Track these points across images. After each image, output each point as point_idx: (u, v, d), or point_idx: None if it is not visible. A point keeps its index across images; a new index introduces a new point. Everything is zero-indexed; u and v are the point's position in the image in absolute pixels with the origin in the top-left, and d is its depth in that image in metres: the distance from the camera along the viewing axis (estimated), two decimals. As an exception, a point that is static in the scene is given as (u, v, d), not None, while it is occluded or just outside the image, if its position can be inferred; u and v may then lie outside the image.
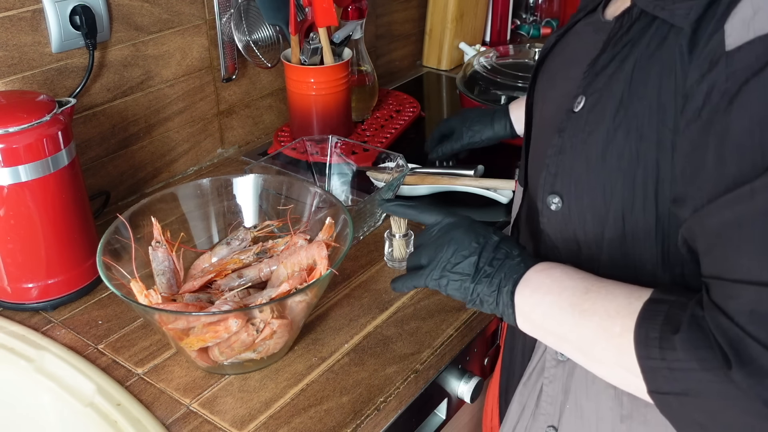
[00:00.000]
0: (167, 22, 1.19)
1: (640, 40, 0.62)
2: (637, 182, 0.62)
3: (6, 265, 0.91)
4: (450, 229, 0.73)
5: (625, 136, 0.62)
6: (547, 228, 0.71)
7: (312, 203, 0.97)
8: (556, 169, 0.68)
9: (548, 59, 0.81)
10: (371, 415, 0.80)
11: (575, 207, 0.67)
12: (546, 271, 0.67)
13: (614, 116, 0.63)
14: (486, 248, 0.69)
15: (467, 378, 1.00)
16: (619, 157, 0.63)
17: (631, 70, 0.62)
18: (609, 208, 0.65)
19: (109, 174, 1.19)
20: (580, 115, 0.66)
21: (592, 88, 0.65)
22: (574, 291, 0.64)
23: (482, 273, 0.69)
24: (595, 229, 0.66)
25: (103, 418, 0.79)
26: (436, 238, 0.73)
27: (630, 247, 0.65)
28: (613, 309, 0.60)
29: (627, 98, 0.62)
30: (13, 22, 0.99)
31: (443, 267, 0.71)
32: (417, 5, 1.80)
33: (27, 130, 0.86)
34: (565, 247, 0.71)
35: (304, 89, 1.27)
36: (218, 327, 0.78)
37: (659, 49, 0.60)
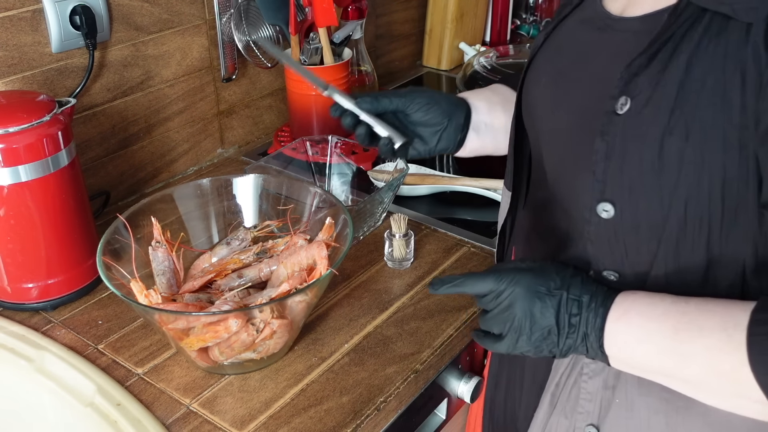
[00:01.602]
0: (167, 22, 1.19)
1: (687, 35, 0.59)
2: (702, 184, 0.59)
3: (6, 265, 0.91)
4: (514, 299, 0.67)
5: (683, 137, 0.59)
6: (593, 237, 0.67)
7: (312, 203, 0.97)
8: (604, 175, 0.64)
9: (539, 60, 0.78)
10: (371, 415, 0.80)
11: (629, 214, 0.64)
12: (623, 318, 0.63)
13: (669, 117, 0.59)
14: (560, 311, 0.65)
15: (467, 378, 1.00)
16: (678, 159, 0.59)
17: (683, 67, 0.59)
18: (668, 214, 0.62)
19: (109, 174, 1.19)
20: (627, 117, 0.62)
21: (635, 89, 0.61)
22: (663, 334, 0.61)
23: (564, 335, 0.65)
24: (650, 236, 0.63)
25: (103, 418, 0.79)
26: (502, 311, 0.67)
27: (688, 255, 0.63)
28: (714, 346, 0.58)
29: (682, 97, 0.59)
30: (13, 22, 0.99)
31: (524, 341, 0.67)
32: (417, 5, 1.80)
33: (27, 130, 0.86)
34: (611, 254, 0.67)
35: (304, 89, 1.27)
36: (218, 327, 0.78)
37: (717, 44, 0.57)
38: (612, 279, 0.67)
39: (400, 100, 0.85)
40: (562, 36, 0.76)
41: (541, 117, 0.76)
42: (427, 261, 1.06)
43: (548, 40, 0.77)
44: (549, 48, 0.77)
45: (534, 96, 0.77)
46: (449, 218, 1.17)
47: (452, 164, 1.34)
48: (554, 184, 0.74)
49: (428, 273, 1.04)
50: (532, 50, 0.79)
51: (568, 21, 0.76)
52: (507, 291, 0.67)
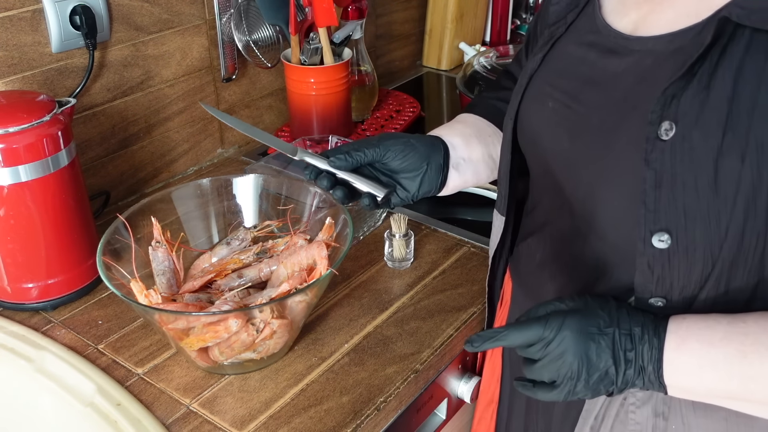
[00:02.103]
0: (167, 22, 1.19)
1: (726, 52, 0.58)
2: (759, 205, 0.58)
3: (6, 265, 0.91)
4: (567, 345, 0.62)
5: (739, 159, 0.57)
6: (644, 267, 0.64)
7: (312, 203, 0.97)
8: (656, 204, 0.61)
9: (539, 83, 0.74)
10: (371, 415, 0.80)
11: (684, 241, 0.61)
12: (683, 347, 0.61)
13: (722, 139, 0.57)
14: (615, 349, 0.62)
15: (467, 378, 1.00)
16: (734, 182, 0.58)
17: (730, 86, 0.57)
18: (725, 236, 0.60)
19: (109, 174, 1.19)
20: (674, 142, 0.59)
21: (678, 112, 0.59)
22: (728, 360, 0.59)
23: (622, 373, 0.62)
24: (705, 262, 0.62)
25: (103, 418, 0.79)
26: (554, 359, 0.63)
27: (737, 278, 0.62)
28: None
29: (734, 117, 0.57)
30: (13, 22, 0.99)
31: (582, 386, 0.63)
32: (417, 5, 1.80)
33: (27, 130, 0.86)
34: (661, 282, 0.64)
35: (304, 89, 1.27)
36: (218, 327, 0.78)
37: (765, 63, 0.56)
38: (659, 305, 0.65)
39: (374, 151, 0.80)
40: (564, 57, 0.73)
41: (551, 143, 0.72)
42: (427, 261, 1.06)
43: (545, 61, 0.74)
44: (548, 70, 0.74)
45: (539, 121, 0.73)
46: (449, 218, 1.17)
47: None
48: (585, 214, 0.71)
49: (428, 273, 1.04)
50: (528, 73, 0.75)
51: (566, 41, 0.73)
52: (557, 338, 0.62)
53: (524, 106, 0.76)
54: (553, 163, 0.73)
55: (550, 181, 0.75)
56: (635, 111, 0.63)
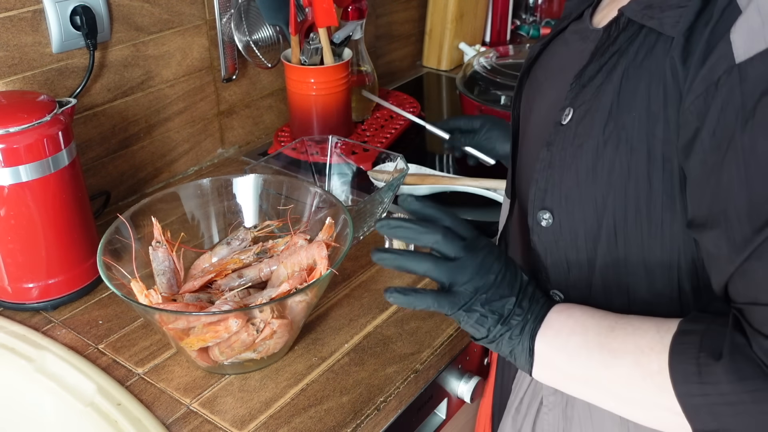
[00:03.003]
0: (167, 23, 1.19)
1: (627, 49, 0.60)
2: (629, 195, 0.60)
3: (6, 265, 0.91)
4: (489, 253, 0.64)
5: (614, 148, 0.60)
6: (537, 246, 0.68)
7: (312, 203, 0.97)
8: (546, 183, 0.65)
9: (534, 68, 0.78)
10: (371, 415, 0.81)
11: (566, 222, 0.65)
12: (566, 311, 0.64)
13: (603, 128, 0.60)
14: (522, 289, 0.64)
15: (467, 378, 1.00)
16: (609, 170, 0.60)
17: (619, 80, 0.60)
18: (601, 223, 0.62)
19: (109, 174, 1.19)
20: (569, 127, 0.63)
21: (579, 100, 0.63)
22: (599, 330, 0.61)
23: (512, 315, 0.63)
24: (587, 246, 0.64)
25: (103, 418, 0.79)
26: (474, 263, 0.63)
27: (623, 266, 0.63)
28: (645, 345, 0.57)
29: (616, 110, 0.60)
30: (14, 23, 0.99)
31: (476, 300, 0.63)
32: (417, 5, 1.80)
33: (27, 130, 0.86)
34: (554, 267, 0.68)
35: (304, 89, 1.27)
36: (218, 327, 0.78)
37: (647, 59, 0.58)
38: (558, 300, 0.68)
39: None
40: (556, 46, 0.76)
41: (522, 125, 0.77)
42: (427, 261, 1.06)
43: (545, 51, 0.78)
44: (544, 58, 0.78)
45: (524, 104, 0.78)
46: (449, 218, 1.17)
47: (452, 164, 1.34)
48: (519, 194, 0.76)
49: (428, 273, 1.04)
50: (526, 61, 0.80)
51: (566, 32, 0.76)
52: (490, 248, 0.65)
53: (523, 90, 0.80)
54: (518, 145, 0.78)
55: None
56: (561, 97, 0.66)
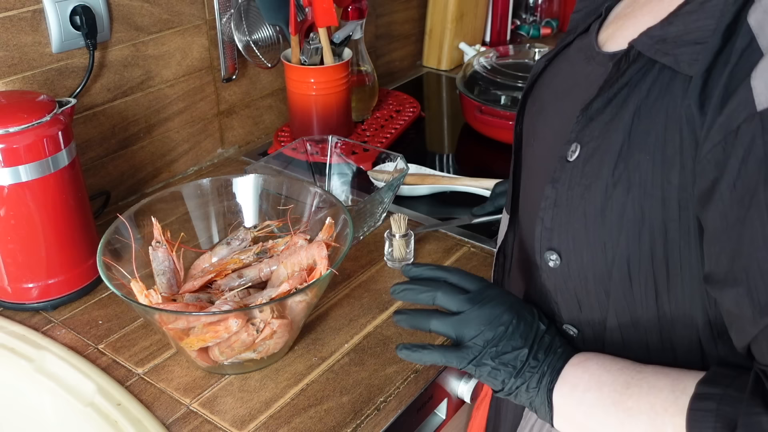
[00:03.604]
0: (167, 23, 1.19)
1: (639, 84, 0.57)
2: (643, 241, 0.57)
3: (6, 265, 0.91)
4: (498, 303, 0.63)
5: (625, 191, 0.56)
6: (546, 283, 0.65)
7: (312, 203, 0.97)
8: (552, 223, 0.62)
9: (538, 85, 0.75)
10: (371, 415, 0.81)
11: (575, 265, 0.62)
12: (582, 364, 0.62)
13: (613, 169, 0.57)
14: (536, 340, 0.63)
15: (467, 378, 1.00)
16: (620, 214, 0.57)
17: (630, 118, 0.56)
18: (611, 268, 0.59)
19: (109, 174, 1.19)
20: (575, 165, 0.60)
21: (587, 136, 0.59)
22: (614, 386, 0.59)
23: (527, 367, 0.62)
24: (598, 289, 0.61)
25: (103, 418, 0.79)
26: (481, 315, 0.63)
27: (637, 312, 0.61)
28: (659, 406, 0.56)
29: (626, 150, 0.56)
30: (14, 22, 0.99)
31: (485, 354, 0.62)
32: (417, 5, 1.80)
33: (27, 130, 0.86)
34: (566, 304, 0.65)
35: (304, 89, 1.27)
36: (218, 327, 0.78)
37: (662, 98, 0.54)
38: (571, 334, 0.66)
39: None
40: (561, 63, 0.73)
41: (526, 148, 0.74)
42: (427, 261, 1.06)
43: (549, 67, 0.75)
44: (548, 75, 0.74)
45: (526, 124, 0.75)
46: (449, 218, 1.17)
47: (452, 164, 1.34)
48: (522, 223, 0.73)
49: (428, 273, 1.04)
50: (531, 76, 0.76)
51: (572, 48, 0.73)
52: (499, 296, 0.64)
53: (526, 108, 0.77)
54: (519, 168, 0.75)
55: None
56: (567, 127, 0.63)
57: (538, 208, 0.65)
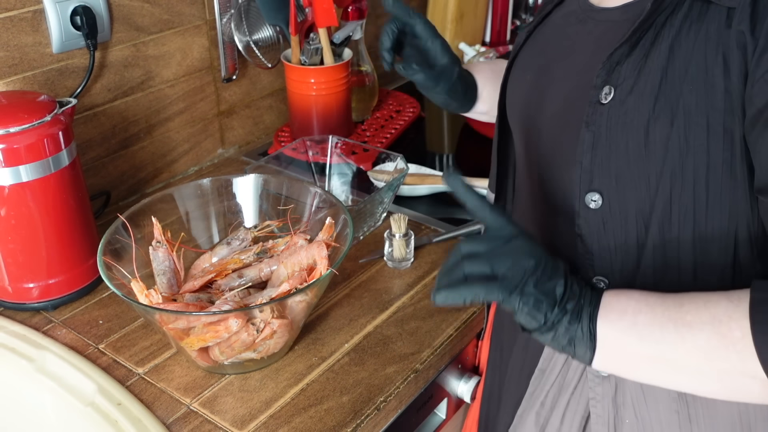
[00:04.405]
0: (168, 23, 1.19)
1: (667, 22, 0.59)
2: (686, 170, 0.59)
3: (7, 264, 0.92)
4: (524, 240, 0.61)
5: (668, 123, 0.59)
6: (584, 230, 0.65)
7: (312, 203, 0.97)
8: (591, 165, 0.63)
9: (524, 56, 0.77)
10: (371, 415, 0.81)
11: (616, 203, 0.63)
12: (624, 293, 0.61)
13: (654, 104, 0.59)
14: (567, 271, 0.61)
15: (467, 378, 1.00)
16: (663, 145, 0.59)
17: (666, 55, 0.59)
18: (654, 201, 0.61)
19: (109, 174, 1.19)
20: (612, 106, 0.62)
21: (620, 77, 0.61)
22: (666, 306, 0.58)
23: (566, 299, 0.59)
24: (638, 226, 0.63)
25: (103, 418, 0.79)
26: (512, 248, 0.60)
27: (675, 242, 0.61)
28: (722, 314, 0.55)
29: (666, 84, 0.59)
30: (14, 23, 1.00)
31: (529, 281, 0.58)
32: (417, 5, 1.80)
33: (28, 131, 0.86)
34: (600, 252, 0.65)
35: (305, 89, 1.28)
36: (218, 327, 0.78)
37: (698, 30, 0.57)
38: (602, 287, 0.66)
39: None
40: (545, 32, 0.75)
41: (528, 115, 0.75)
42: (427, 261, 1.06)
43: (531, 38, 0.77)
44: (532, 46, 0.77)
45: (519, 94, 0.76)
46: (449, 218, 1.17)
47: (452, 164, 1.34)
48: (542, 181, 0.73)
49: (428, 273, 1.04)
50: (513, 49, 0.79)
51: (551, 18, 0.76)
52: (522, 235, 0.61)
53: (510, 82, 0.79)
54: (527, 135, 0.75)
55: (523, 154, 0.77)
56: (587, 77, 0.65)
57: (564, 157, 0.66)
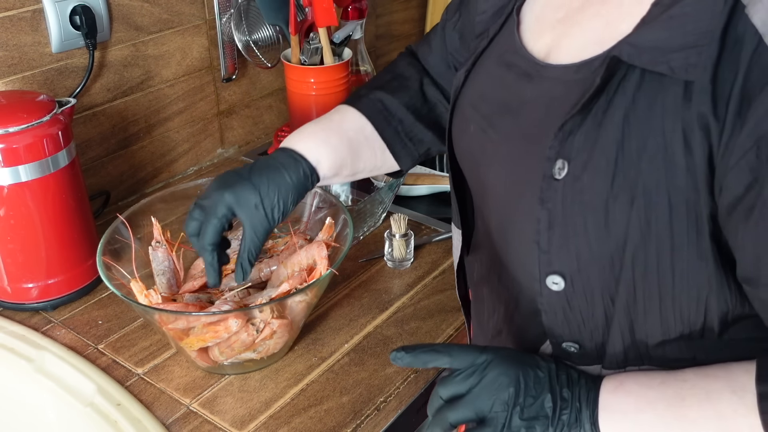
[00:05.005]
0: (167, 22, 1.19)
1: (618, 92, 0.55)
2: (650, 251, 0.55)
3: (6, 265, 0.91)
4: (504, 368, 0.59)
5: (628, 203, 0.55)
6: (547, 309, 0.63)
7: (312, 203, 0.97)
8: (549, 245, 0.59)
9: (463, 103, 0.71)
10: (371, 415, 0.80)
11: (579, 284, 0.59)
12: (620, 388, 0.59)
13: (611, 182, 0.55)
14: (552, 381, 0.59)
15: (467, 378, 0.99)
16: (625, 225, 0.55)
17: (620, 128, 0.54)
18: (619, 279, 0.58)
19: (109, 174, 1.19)
20: (567, 182, 0.57)
21: (572, 150, 0.56)
22: (668, 401, 0.56)
23: (559, 410, 0.58)
24: (605, 302, 0.60)
25: (103, 418, 0.79)
26: (490, 383, 0.59)
27: (643, 315, 0.59)
28: (726, 410, 0.54)
29: (623, 160, 0.54)
30: (13, 22, 0.99)
31: (513, 415, 0.58)
32: (417, 5, 1.80)
33: (27, 130, 0.86)
34: (566, 323, 0.63)
35: (304, 89, 1.27)
36: (218, 327, 0.78)
37: (654, 104, 0.53)
38: (572, 351, 0.64)
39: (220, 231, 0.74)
40: (484, 78, 0.69)
41: (476, 169, 0.70)
42: (427, 261, 1.06)
43: (469, 79, 0.71)
44: (471, 90, 0.71)
45: (464, 145, 0.71)
46: (449, 218, 1.16)
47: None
48: (500, 247, 0.69)
49: (428, 273, 1.04)
50: (454, 89, 0.73)
51: (488, 57, 0.70)
52: (495, 361, 0.60)
53: (453, 127, 0.73)
54: (476, 188, 0.72)
55: (477, 204, 0.73)
56: (539, 145, 0.60)
57: (521, 231, 0.62)
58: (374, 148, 0.83)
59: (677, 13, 0.52)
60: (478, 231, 0.77)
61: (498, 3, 0.71)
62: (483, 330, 0.77)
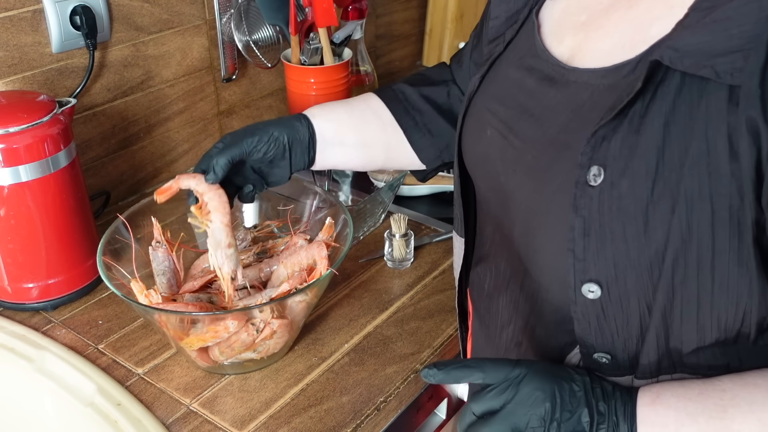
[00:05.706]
0: (167, 22, 1.19)
1: (657, 94, 0.54)
2: (690, 258, 0.54)
3: (6, 265, 0.91)
4: (537, 383, 0.58)
5: (669, 209, 0.54)
6: (581, 318, 0.61)
7: (312, 203, 0.97)
8: (584, 253, 0.58)
9: (477, 107, 0.70)
10: (371, 415, 0.81)
11: (616, 292, 0.58)
12: (658, 401, 0.57)
13: (652, 188, 0.54)
14: (588, 394, 0.58)
15: (467, 378, 0.99)
16: (664, 233, 0.54)
17: (660, 133, 0.53)
18: (657, 286, 0.57)
19: (109, 174, 1.19)
20: (603, 189, 0.56)
21: (608, 157, 0.55)
22: (709, 414, 0.55)
23: (596, 425, 0.57)
24: (641, 310, 0.59)
25: (103, 418, 0.79)
26: (525, 398, 0.58)
27: (679, 323, 0.58)
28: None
29: (664, 166, 0.53)
30: (14, 22, 0.99)
31: (551, 430, 0.57)
32: (417, 5, 1.80)
33: (27, 131, 0.86)
34: (600, 333, 0.61)
35: (304, 89, 1.27)
36: (218, 327, 0.78)
37: (697, 108, 0.52)
38: (604, 362, 0.62)
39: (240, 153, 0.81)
40: (503, 80, 0.68)
41: (494, 176, 0.68)
42: (427, 261, 1.06)
43: (484, 84, 0.71)
44: (488, 94, 0.70)
45: (479, 150, 0.70)
46: (449, 218, 1.17)
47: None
48: (524, 255, 0.67)
49: (428, 273, 1.04)
50: (467, 95, 0.72)
51: (506, 62, 0.69)
52: (529, 376, 0.58)
53: (466, 131, 0.72)
54: (491, 195, 0.70)
55: (492, 211, 0.72)
56: (568, 150, 0.59)
57: (551, 240, 0.61)
58: (384, 125, 0.87)
59: (720, 17, 0.52)
60: (487, 240, 0.75)
61: (512, 8, 0.71)
62: (492, 342, 0.75)
